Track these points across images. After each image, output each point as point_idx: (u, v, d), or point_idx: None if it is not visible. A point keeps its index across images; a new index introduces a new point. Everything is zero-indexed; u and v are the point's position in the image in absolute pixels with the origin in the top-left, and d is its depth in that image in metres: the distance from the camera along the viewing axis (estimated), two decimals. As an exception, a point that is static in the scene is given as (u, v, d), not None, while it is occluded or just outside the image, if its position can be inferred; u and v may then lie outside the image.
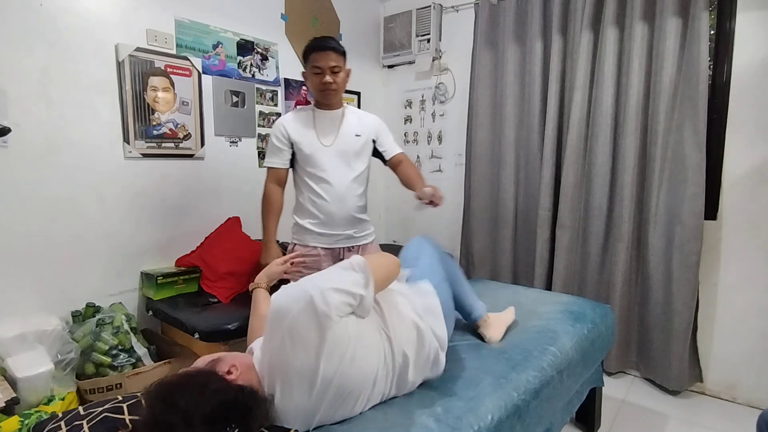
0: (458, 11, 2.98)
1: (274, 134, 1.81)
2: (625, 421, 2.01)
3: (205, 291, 2.19)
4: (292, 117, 1.82)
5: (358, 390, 1.03)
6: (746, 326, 2.11)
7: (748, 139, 2.06)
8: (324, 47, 1.70)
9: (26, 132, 1.78)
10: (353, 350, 0.99)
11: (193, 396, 0.81)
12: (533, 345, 1.43)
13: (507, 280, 2.74)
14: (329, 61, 1.69)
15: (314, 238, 1.81)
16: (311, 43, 1.73)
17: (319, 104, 1.82)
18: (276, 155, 1.81)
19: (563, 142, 2.51)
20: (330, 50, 1.70)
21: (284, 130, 1.78)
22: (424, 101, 3.24)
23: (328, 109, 1.82)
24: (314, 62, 1.71)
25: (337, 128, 1.80)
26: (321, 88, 1.73)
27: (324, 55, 1.69)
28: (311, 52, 1.72)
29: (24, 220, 1.80)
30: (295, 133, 1.77)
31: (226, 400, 0.84)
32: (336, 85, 1.73)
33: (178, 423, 0.76)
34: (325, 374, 0.95)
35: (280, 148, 1.79)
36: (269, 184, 1.83)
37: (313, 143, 1.77)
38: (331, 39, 1.75)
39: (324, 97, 1.77)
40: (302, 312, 0.94)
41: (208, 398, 0.82)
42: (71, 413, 1.01)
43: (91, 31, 1.93)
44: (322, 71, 1.70)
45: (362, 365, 1.02)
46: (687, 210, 2.10)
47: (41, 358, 1.59)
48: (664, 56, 2.14)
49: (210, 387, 0.85)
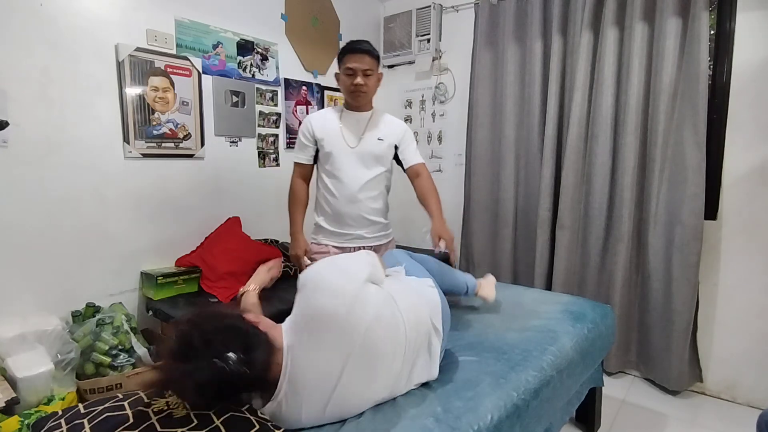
0: (458, 11, 2.98)
1: (302, 131, 1.86)
2: (625, 421, 2.01)
3: (205, 291, 2.19)
4: (320, 115, 1.88)
5: (382, 353, 1.06)
6: (746, 326, 2.11)
7: (748, 139, 2.06)
8: (359, 50, 1.73)
9: (26, 132, 1.78)
10: (377, 309, 1.08)
11: (211, 316, 0.96)
12: (533, 345, 1.43)
13: (507, 280, 2.74)
14: (363, 63, 1.72)
15: (326, 236, 1.87)
16: (347, 45, 1.77)
17: (348, 105, 1.86)
18: (302, 151, 1.87)
19: (563, 142, 2.51)
20: (364, 53, 1.73)
21: (310, 127, 1.83)
22: (424, 101, 3.24)
23: (357, 110, 1.84)
24: (347, 63, 1.74)
25: (362, 130, 1.83)
26: (351, 89, 1.76)
27: (358, 57, 1.72)
28: (345, 53, 1.75)
29: (24, 219, 1.80)
30: (320, 131, 1.81)
31: (234, 326, 0.94)
32: (366, 87, 1.76)
33: (192, 332, 0.89)
34: (355, 322, 1.02)
35: (305, 144, 1.85)
36: (295, 179, 1.90)
37: (335, 142, 1.80)
38: (366, 42, 1.77)
39: (354, 99, 1.80)
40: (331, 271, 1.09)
41: (221, 319, 0.95)
42: (71, 411, 1.00)
43: (91, 31, 1.93)
44: (354, 73, 1.73)
45: (387, 325, 1.08)
46: (687, 210, 2.10)
47: (41, 358, 1.59)
48: (664, 56, 2.13)
49: (227, 315, 0.99)
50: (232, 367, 0.85)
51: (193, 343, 0.87)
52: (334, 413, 1.01)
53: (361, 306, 1.04)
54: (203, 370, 0.84)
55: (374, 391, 1.07)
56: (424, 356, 1.20)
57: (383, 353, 1.06)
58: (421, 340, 1.18)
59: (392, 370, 1.09)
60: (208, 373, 0.84)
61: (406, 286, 1.30)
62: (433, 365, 1.22)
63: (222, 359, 0.85)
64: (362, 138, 1.81)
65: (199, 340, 0.87)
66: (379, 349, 1.05)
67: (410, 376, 1.16)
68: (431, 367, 1.22)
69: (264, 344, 0.95)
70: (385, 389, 1.10)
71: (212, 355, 0.85)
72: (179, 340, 0.90)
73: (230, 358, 0.86)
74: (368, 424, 1.04)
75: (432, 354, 1.22)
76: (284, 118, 2.77)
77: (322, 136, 1.81)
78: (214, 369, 0.84)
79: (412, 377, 1.17)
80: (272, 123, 2.71)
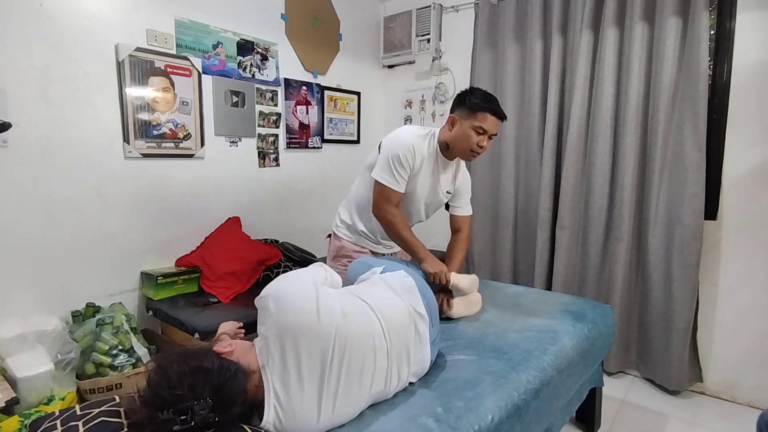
0: (458, 11, 2.98)
1: (404, 155, 1.62)
2: (625, 421, 2.01)
3: (205, 291, 2.20)
4: (422, 149, 1.68)
5: (361, 351, 1.06)
6: (746, 326, 2.11)
7: (748, 139, 2.06)
8: (501, 115, 1.61)
9: (26, 132, 1.78)
10: (342, 306, 1.09)
11: (177, 359, 0.93)
12: (533, 345, 1.43)
13: (507, 280, 2.74)
14: (495, 128, 1.62)
15: (367, 243, 1.86)
16: (488, 100, 1.60)
17: (445, 152, 1.72)
18: (399, 177, 1.64)
19: (563, 142, 2.51)
20: (501, 119, 1.62)
21: (414, 158, 1.64)
22: (424, 101, 3.24)
23: (450, 159, 1.76)
24: (483, 122, 1.58)
25: (449, 183, 1.80)
26: (474, 149, 1.62)
27: (496, 121, 1.61)
28: (485, 110, 1.58)
29: (24, 219, 1.80)
30: (419, 165, 1.67)
31: (201, 367, 0.91)
32: (484, 151, 1.66)
33: (158, 380, 0.88)
34: (326, 324, 1.02)
35: (405, 170, 1.65)
36: (392, 208, 1.66)
37: (426, 184, 1.72)
38: (500, 105, 1.65)
39: (467, 157, 1.69)
40: (287, 285, 1.10)
41: (188, 361, 0.92)
42: (68, 412, 1.00)
43: (91, 31, 1.93)
44: (484, 134, 1.60)
45: (358, 322, 1.10)
46: (687, 210, 2.10)
47: (41, 358, 1.59)
48: (664, 56, 2.13)
49: (195, 354, 0.96)
50: (198, 420, 0.85)
51: (161, 395, 0.87)
52: (329, 415, 1.01)
53: (326, 308, 1.06)
54: (171, 423, 0.84)
55: (364, 390, 1.06)
56: (414, 344, 1.20)
57: (362, 348, 1.07)
58: (405, 332, 1.18)
59: (378, 365, 1.09)
60: (177, 428, 0.84)
61: (375, 285, 1.31)
62: (425, 350, 1.23)
63: (189, 411, 0.85)
64: (443, 189, 1.79)
65: (167, 391, 0.86)
66: (356, 344, 1.06)
67: (401, 369, 1.15)
68: (423, 352, 1.22)
69: (236, 375, 0.94)
70: (378, 385, 1.09)
71: (178, 409, 0.84)
72: (148, 388, 0.89)
73: (196, 411, 0.85)
74: (368, 424, 1.03)
75: (422, 339, 1.22)
76: (284, 118, 2.77)
77: (417, 171, 1.67)
78: (183, 425, 0.84)
79: (408, 368, 1.18)
80: (272, 123, 2.71)
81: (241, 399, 0.93)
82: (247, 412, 0.98)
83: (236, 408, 0.92)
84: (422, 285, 1.35)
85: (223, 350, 1.00)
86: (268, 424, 0.96)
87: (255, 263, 2.34)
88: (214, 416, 0.86)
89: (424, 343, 1.23)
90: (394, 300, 1.23)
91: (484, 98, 1.61)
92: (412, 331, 1.21)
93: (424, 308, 1.27)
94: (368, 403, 1.10)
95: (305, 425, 0.98)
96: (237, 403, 0.92)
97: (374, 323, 1.13)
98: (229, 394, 0.91)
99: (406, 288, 1.30)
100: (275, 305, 1.04)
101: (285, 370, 0.98)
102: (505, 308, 1.77)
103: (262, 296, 1.08)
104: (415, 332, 1.21)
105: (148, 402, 0.88)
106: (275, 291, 1.08)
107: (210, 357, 0.96)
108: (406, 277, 1.36)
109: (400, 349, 1.16)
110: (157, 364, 0.92)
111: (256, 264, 2.35)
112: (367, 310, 1.15)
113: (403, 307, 1.22)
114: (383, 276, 1.37)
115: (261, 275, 2.36)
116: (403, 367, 1.16)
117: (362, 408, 1.08)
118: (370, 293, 1.23)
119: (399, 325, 1.18)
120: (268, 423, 0.96)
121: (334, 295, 1.14)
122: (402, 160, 1.62)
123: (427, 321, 1.25)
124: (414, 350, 1.20)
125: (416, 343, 1.21)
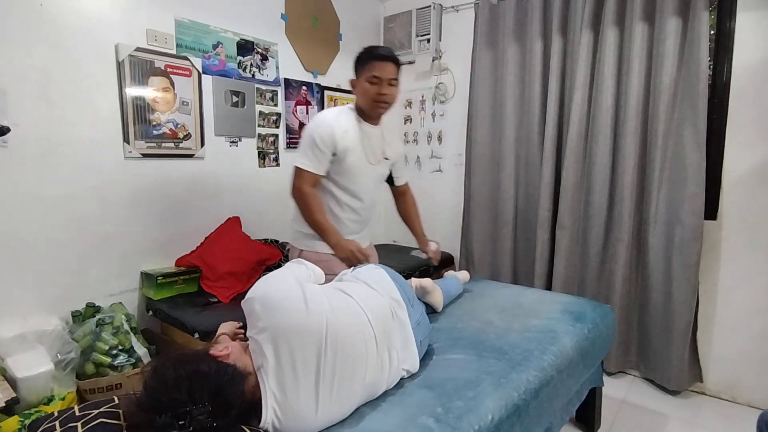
0: (458, 11, 2.98)
1: (320, 137, 1.59)
2: (625, 421, 2.01)
3: (205, 291, 2.20)
4: (341, 124, 1.63)
5: (353, 342, 1.08)
6: (746, 326, 2.11)
7: (748, 139, 2.06)
8: (385, 57, 1.60)
9: (26, 132, 1.78)
10: (329, 301, 1.12)
11: (174, 363, 0.92)
12: (533, 345, 1.43)
13: (507, 280, 2.74)
14: (389, 72, 1.60)
15: (317, 246, 1.68)
16: (371, 50, 1.63)
17: (365, 116, 1.69)
18: (317, 160, 1.60)
19: (563, 142, 2.51)
20: (391, 61, 1.60)
21: (333, 136, 1.59)
22: (424, 101, 3.24)
23: (374, 124, 1.71)
24: (372, 71, 1.59)
25: (380, 147, 1.73)
26: (376, 99, 1.61)
27: (385, 65, 1.59)
28: (370, 59, 1.60)
29: (24, 220, 1.80)
30: (343, 143, 1.61)
31: (198, 371, 0.91)
32: (391, 98, 1.64)
33: (156, 384, 0.88)
34: (316, 318, 1.04)
35: (323, 153, 1.60)
36: (309, 188, 1.62)
37: (359, 158, 1.66)
38: (390, 49, 1.67)
39: (375, 110, 1.65)
40: (272, 286, 1.10)
41: (184, 366, 0.91)
42: (67, 413, 1.00)
43: (91, 31, 1.93)
44: (379, 81, 1.59)
45: (346, 314, 1.12)
46: (687, 210, 2.10)
47: (41, 358, 1.59)
48: (664, 56, 2.13)
49: (192, 358, 0.95)
50: (196, 425, 0.84)
51: (159, 399, 0.86)
52: (326, 409, 1.01)
53: (315, 304, 1.07)
54: (169, 428, 0.83)
55: (359, 380, 1.08)
56: (398, 330, 1.26)
57: (353, 340, 1.09)
58: (387, 320, 1.23)
59: (369, 352, 1.12)
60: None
61: (354, 282, 1.35)
62: (407, 332, 1.27)
63: (188, 416, 0.84)
64: (380, 156, 1.74)
65: (164, 396, 0.86)
66: (347, 336, 1.07)
67: (391, 354, 1.19)
68: (406, 334, 1.27)
69: (233, 378, 0.94)
70: (372, 374, 1.11)
71: (176, 414, 0.84)
72: (145, 392, 0.89)
73: (194, 415, 0.84)
74: (368, 424, 1.04)
75: (402, 324, 1.27)
76: (284, 118, 2.77)
77: (344, 147, 1.61)
78: (181, 430, 0.83)
79: (397, 353, 1.22)
80: (272, 123, 2.71)
81: (239, 402, 0.93)
82: (245, 413, 0.98)
83: (234, 411, 0.92)
84: (392, 272, 1.42)
85: (220, 353, 1.00)
86: (267, 425, 0.97)
87: (255, 263, 2.34)
88: (212, 421, 0.86)
89: (405, 327, 1.28)
90: (373, 293, 1.28)
91: (367, 49, 1.65)
92: (392, 318, 1.26)
93: (399, 294, 1.32)
94: (365, 395, 1.11)
95: (304, 421, 0.99)
96: (235, 406, 0.92)
97: (360, 315, 1.16)
98: (227, 397, 0.91)
99: (380, 278, 1.36)
100: (263, 308, 1.04)
101: (280, 370, 0.98)
102: (505, 308, 1.77)
103: (248, 299, 1.08)
104: (394, 318, 1.27)
105: (145, 406, 0.87)
106: (261, 294, 1.07)
107: (207, 360, 0.96)
108: (376, 268, 1.42)
109: (386, 335, 1.20)
110: (154, 368, 0.92)
111: (256, 264, 2.35)
112: (352, 303, 1.19)
113: (381, 297, 1.28)
114: (355, 273, 1.40)
115: (261, 275, 2.36)
116: (393, 353, 1.20)
117: (359, 400, 1.09)
118: (354, 288, 1.27)
119: (382, 314, 1.22)
120: (267, 423, 0.96)
121: (320, 290, 1.16)
122: (317, 140, 1.59)
123: (404, 306, 1.31)
124: (398, 334, 1.25)
125: (399, 329, 1.27)
